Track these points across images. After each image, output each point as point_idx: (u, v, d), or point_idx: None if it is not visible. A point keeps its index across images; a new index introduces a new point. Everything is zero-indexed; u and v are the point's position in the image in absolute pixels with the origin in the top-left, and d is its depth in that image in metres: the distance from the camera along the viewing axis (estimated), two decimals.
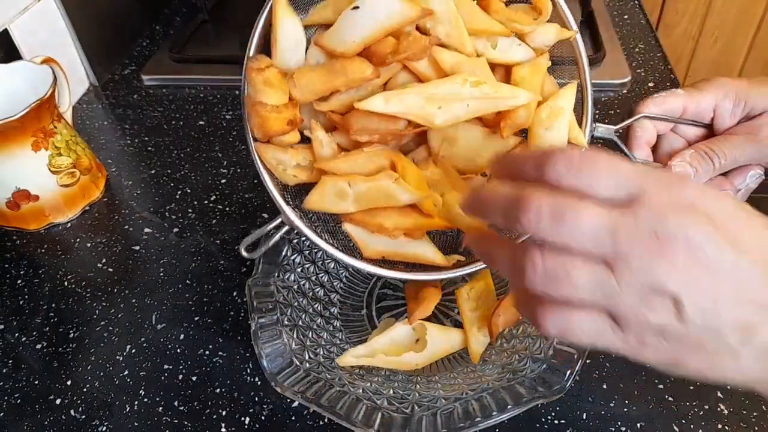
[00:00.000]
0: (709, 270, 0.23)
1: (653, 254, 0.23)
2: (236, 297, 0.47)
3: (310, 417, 0.39)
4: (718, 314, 0.23)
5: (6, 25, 0.60)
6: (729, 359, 0.24)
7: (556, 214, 0.23)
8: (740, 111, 0.41)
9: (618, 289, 0.23)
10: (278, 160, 0.37)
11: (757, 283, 0.23)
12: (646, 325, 0.24)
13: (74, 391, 0.42)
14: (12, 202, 0.53)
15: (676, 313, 0.23)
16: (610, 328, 0.24)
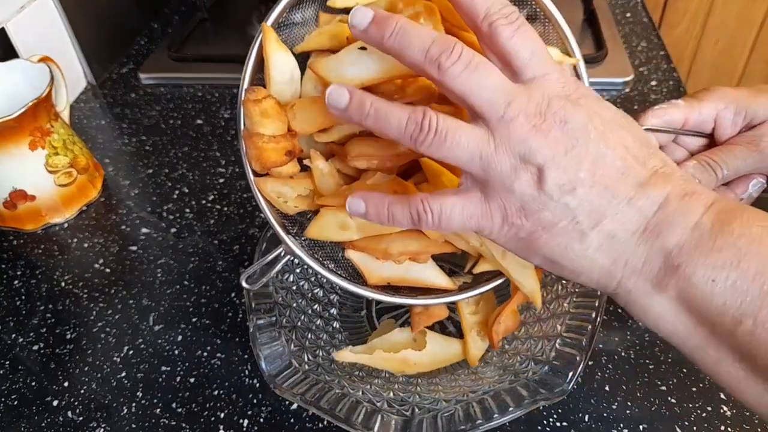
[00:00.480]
0: (574, 151, 0.25)
1: (532, 126, 0.25)
2: (234, 298, 0.47)
3: (309, 419, 0.39)
4: (573, 191, 0.25)
5: (3, 23, 0.59)
6: (577, 241, 0.26)
7: (472, 63, 0.26)
8: (741, 120, 0.41)
9: (494, 151, 0.26)
10: (278, 192, 0.37)
11: (614, 174, 0.25)
12: (510, 194, 0.26)
13: (71, 393, 0.41)
14: (9, 202, 0.52)
15: (538, 183, 0.26)
16: (478, 200, 0.27)
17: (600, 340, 0.42)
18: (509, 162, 0.26)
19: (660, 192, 0.25)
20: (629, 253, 0.25)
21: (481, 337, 0.40)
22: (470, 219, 0.27)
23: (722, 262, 0.24)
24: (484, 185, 0.27)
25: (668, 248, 0.25)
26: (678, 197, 0.25)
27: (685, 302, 0.24)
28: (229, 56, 0.72)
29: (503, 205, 0.26)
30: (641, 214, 0.25)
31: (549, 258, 0.27)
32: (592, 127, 0.26)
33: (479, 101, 0.26)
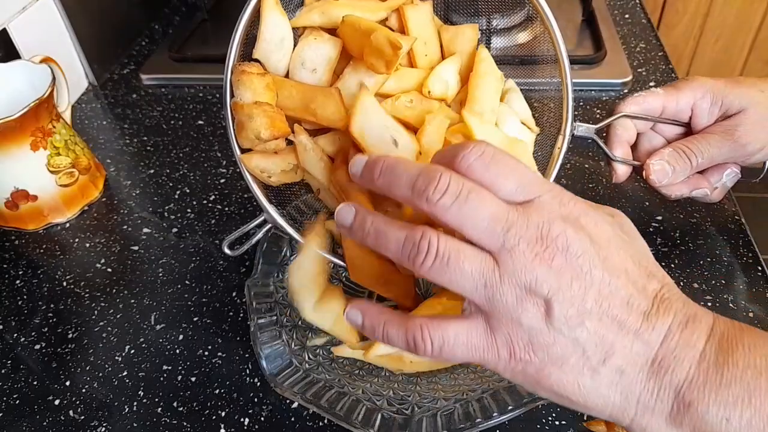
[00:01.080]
0: (580, 279, 0.24)
1: (535, 254, 0.24)
2: (235, 297, 0.47)
3: (310, 418, 0.39)
4: (582, 324, 0.24)
5: (5, 24, 0.60)
6: (588, 377, 0.25)
7: (462, 194, 0.25)
8: (717, 110, 0.42)
9: (498, 281, 0.24)
10: (262, 168, 0.37)
11: (619, 304, 0.24)
12: (517, 326, 0.25)
13: (73, 392, 0.41)
14: (11, 202, 0.53)
15: (546, 315, 0.24)
16: (483, 332, 0.25)
17: None
18: (515, 293, 0.24)
19: (664, 322, 0.25)
20: (640, 389, 0.24)
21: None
22: (474, 351, 0.26)
23: (734, 399, 0.23)
24: (489, 315, 0.25)
25: (678, 384, 0.24)
26: (681, 326, 0.24)
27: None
28: None
29: (510, 339, 0.25)
30: (648, 347, 0.24)
31: (558, 393, 0.26)
32: (595, 252, 0.25)
33: (476, 233, 0.25)
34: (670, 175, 0.41)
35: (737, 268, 0.46)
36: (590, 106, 0.64)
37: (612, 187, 0.54)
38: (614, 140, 0.44)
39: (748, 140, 0.40)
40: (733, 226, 0.50)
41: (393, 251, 0.26)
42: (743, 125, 0.40)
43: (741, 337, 0.24)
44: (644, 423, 0.25)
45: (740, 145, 0.41)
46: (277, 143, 0.37)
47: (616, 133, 0.44)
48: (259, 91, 0.35)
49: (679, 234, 0.49)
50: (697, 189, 0.43)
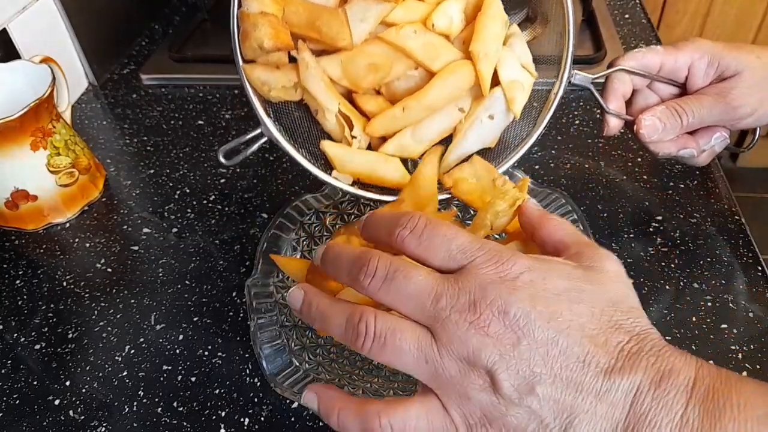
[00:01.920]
0: (523, 342, 0.23)
1: (469, 324, 0.23)
2: (235, 297, 0.47)
3: (310, 418, 0.39)
4: (532, 390, 0.22)
5: (5, 24, 0.60)
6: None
7: (389, 275, 0.24)
8: (713, 72, 0.42)
9: (437, 355, 0.23)
10: (264, 81, 0.38)
11: (572, 364, 0.22)
12: (467, 402, 0.23)
13: (73, 392, 0.41)
14: (11, 202, 0.52)
15: (492, 386, 0.23)
16: (439, 412, 0.24)
17: None
18: (456, 366, 0.23)
19: (630, 380, 0.22)
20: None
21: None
22: (434, 428, 0.24)
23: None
24: (440, 393, 0.24)
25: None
26: (653, 385, 0.22)
27: None
28: (230, 57, 0.71)
29: (464, 414, 0.24)
30: (614, 409, 0.22)
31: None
32: (537, 313, 0.23)
33: (407, 310, 0.24)
34: (660, 132, 0.42)
35: (737, 268, 0.46)
36: (590, 106, 0.64)
37: (612, 187, 0.54)
38: (610, 93, 0.44)
39: (740, 103, 0.41)
40: (733, 226, 0.50)
41: (337, 335, 0.26)
42: (737, 88, 0.41)
43: (729, 394, 0.21)
44: None
45: (732, 108, 0.41)
46: (279, 56, 0.37)
47: (613, 86, 0.44)
48: (266, 2, 0.36)
49: (679, 234, 0.49)
50: (684, 149, 0.44)
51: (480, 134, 0.41)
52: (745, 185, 1.63)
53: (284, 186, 0.57)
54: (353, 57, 0.39)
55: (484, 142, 0.42)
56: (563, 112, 0.64)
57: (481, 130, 0.41)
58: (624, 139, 0.60)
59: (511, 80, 0.39)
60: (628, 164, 0.57)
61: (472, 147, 0.41)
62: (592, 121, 0.63)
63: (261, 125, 0.39)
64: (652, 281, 0.46)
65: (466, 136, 0.40)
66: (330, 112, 0.39)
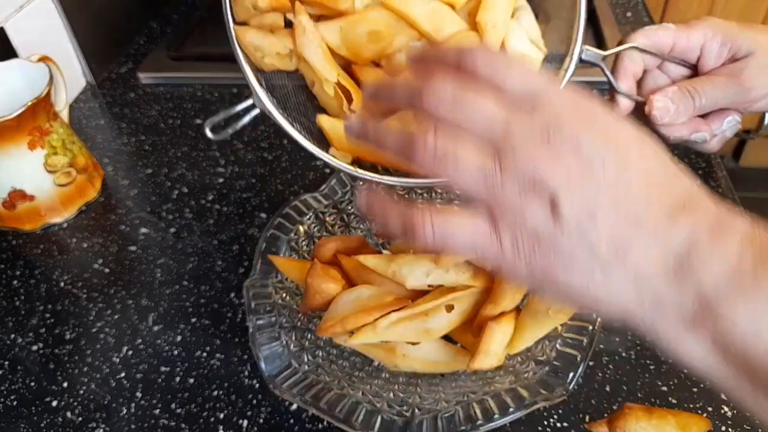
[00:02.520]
0: (592, 176, 0.23)
1: (540, 150, 0.23)
2: (234, 298, 0.47)
3: (309, 420, 0.39)
4: (593, 220, 0.23)
5: (2, 23, 0.59)
6: (599, 274, 0.23)
7: (459, 94, 0.24)
8: (726, 52, 0.41)
9: (500, 178, 0.23)
10: (256, 46, 0.35)
11: (636, 200, 0.23)
12: (522, 224, 0.23)
13: (70, 393, 0.41)
14: (8, 202, 0.52)
15: (552, 211, 0.23)
16: (487, 227, 0.24)
17: (600, 341, 0.42)
18: (518, 189, 0.23)
19: (690, 222, 0.23)
20: (658, 292, 0.23)
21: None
22: (477, 243, 0.24)
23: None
24: (493, 213, 0.24)
25: (703, 288, 0.22)
26: (710, 228, 0.23)
27: (723, 347, 0.22)
28: (229, 55, 0.71)
29: (514, 235, 0.24)
30: (669, 247, 0.22)
31: (568, 294, 0.24)
32: (608, 152, 0.23)
33: (475, 131, 0.24)
34: (672, 113, 0.40)
35: None
36: None
37: None
38: (621, 72, 0.43)
39: (753, 84, 0.40)
40: None
41: (392, 147, 0.25)
42: (750, 69, 0.40)
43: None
44: (659, 327, 0.23)
45: (745, 89, 0.40)
46: (274, 18, 0.34)
47: (624, 65, 0.43)
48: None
49: None
50: (697, 132, 0.43)
51: None
52: (748, 185, 1.62)
53: (283, 186, 0.57)
54: (354, 24, 0.36)
55: None
56: None
57: None
58: None
59: (519, 54, 0.37)
60: None
61: None
62: None
63: (252, 95, 0.35)
64: None
65: None
66: (328, 83, 0.36)
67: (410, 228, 0.25)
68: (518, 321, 0.37)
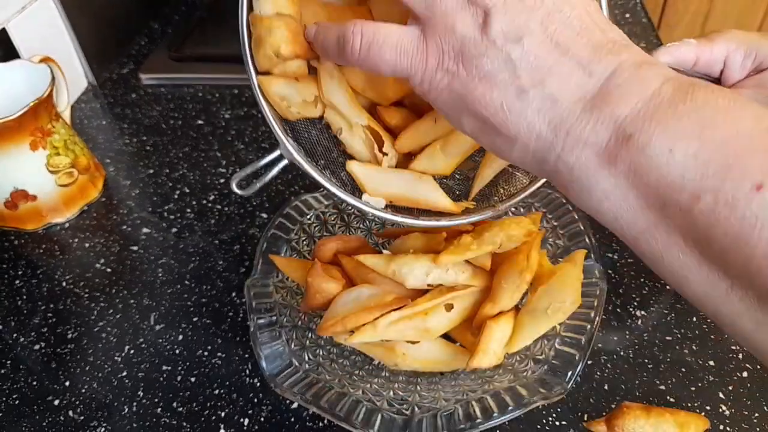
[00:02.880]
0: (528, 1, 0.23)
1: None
2: (235, 297, 0.47)
3: (310, 418, 0.39)
4: (519, 40, 0.23)
5: (4, 24, 0.60)
6: (515, 96, 0.23)
7: None
8: (750, 63, 0.41)
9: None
10: (282, 95, 0.33)
11: (568, 32, 0.23)
12: (451, 33, 0.24)
13: (72, 392, 0.41)
14: (10, 202, 0.52)
15: (482, 26, 0.23)
16: (416, 34, 0.25)
17: (599, 340, 0.42)
18: (455, 1, 0.24)
19: (615, 58, 0.23)
20: (572, 121, 0.22)
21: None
22: (402, 55, 0.25)
23: (682, 132, 0.21)
24: (425, 23, 0.24)
25: (619, 117, 0.22)
26: (634, 65, 0.22)
27: (635, 177, 0.21)
28: (230, 56, 0.72)
29: (441, 46, 0.24)
30: (591, 78, 0.23)
31: (482, 117, 0.24)
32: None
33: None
34: None
35: None
36: None
37: None
38: None
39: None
40: None
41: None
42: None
43: (705, 85, 0.22)
44: (571, 160, 0.23)
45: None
46: (298, 65, 0.33)
47: None
48: (281, 2, 0.31)
49: None
50: None
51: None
52: None
53: (284, 186, 0.57)
54: None
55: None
56: None
57: None
58: None
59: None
60: None
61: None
62: None
63: (280, 146, 0.34)
64: (653, 281, 0.46)
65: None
66: (358, 126, 0.35)
67: (342, 39, 0.26)
68: (517, 320, 0.37)
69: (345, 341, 0.38)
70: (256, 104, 0.34)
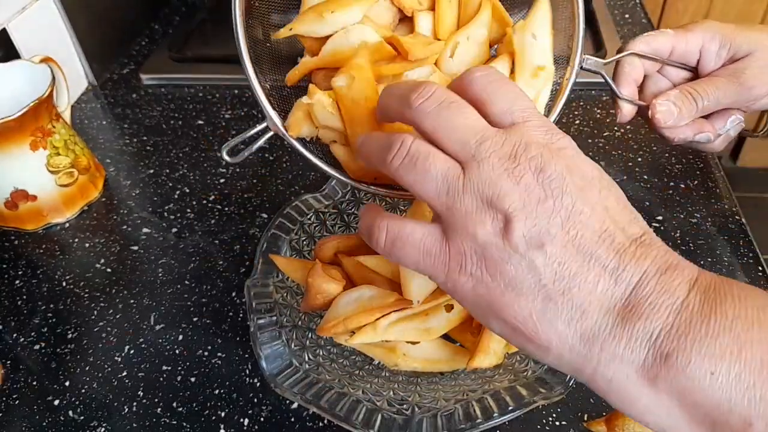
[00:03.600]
0: (548, 202, 0.23)
1: (504, 169, 0.23)
2: (235, 297, 0.47)
3: (310, 418, 0.39)
4: (542, 247, 0.23)
5: (5, 24, 0.60)
6: (542, 306, 0.23)
7: (445, 102, 0.25)
8: (725, 53, 0.42)
9: (461, 189, 0.24)
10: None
11: (590, 236, 0.23)
12: (472, 238, 0.23)
13: (72, 392, 0.41)
14: (10, 202, 0.52)
15: (503, 231, 0.23)
16: (438, 235, 0.25)
17: None
18: (475, 203, 0.23)
19: (640, 264, 0.22)
20: (605, 335, 0.22)
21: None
22: (425, 256, 0.25)
23: (721, 351, 0.20)
24: (446, 224, 0.24)
25: (653, 333, 0.21)
26: (659, 272, 0.22)
27: (679, 396, 0.21)
28: (230, 56, 0.72)
29: (463, 249, 0.24)
30: (617, 287, 0.22)
31: (511, 324, 0.23)
32: (571, 180, 0.23)
33: (449, 140, 0.24)
34: (675, 116, 0.41)
35: (737, 268, 0.46)
36: (590, 106, 0.64)
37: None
38: (621, 78, 0.44)
39: (754, 83, 0.41)
40: (733, 226, 0.50)
41: (373, 152, 0.26)
42: (750, 68, 0.41)
43: (730, 289, 0.22)
44: (610, 374, 0.22)
45: (746, 88, 0.41)
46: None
47: (624, 70, 0.43)
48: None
49: (680, 234, 0.49)
50: (700, 133, 0.43)
51: None
52: (746, 185, 1.63)
53: (284, 186, 0.57)
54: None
55: None
56: (563, 113, 0.64)
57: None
58: (624, 138, 0.60)
59: (539, 65, 0.38)
60: (628, 164, 0.57)
61: None
62: (592, 120, 0.63)
63: (267, 119, 0.37)
64: None
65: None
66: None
67: (369, 232, 0.26)
68: None
69: (345, 342, 0.38)
70: (257, 104, 0.36)
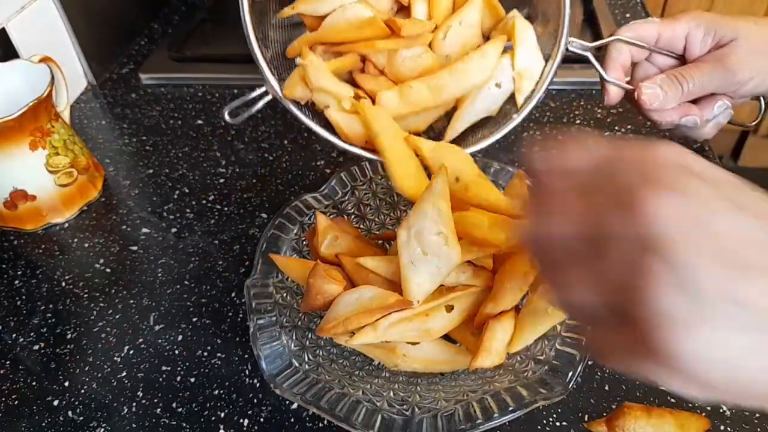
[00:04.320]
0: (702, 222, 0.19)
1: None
2: (235, 298, 0.47)
3: (310, 419, 0.39)
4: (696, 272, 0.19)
5: (3, 23, 0.59)
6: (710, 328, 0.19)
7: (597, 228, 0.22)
8: (710, 40, 0.43)
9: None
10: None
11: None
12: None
13: (72, 393, 0.41)
14: (9, 202, 0.52)
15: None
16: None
17: None
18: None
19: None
20: None
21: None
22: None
23: None
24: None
25: None
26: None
27: None
28: (230, 56, 0.72)
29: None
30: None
31: (674, 368, 0.21)
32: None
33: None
34: (661, 99, 0.42)
35: None
36: (591, 105, 0.64)
37: None
38: (608, 62, 0.46)
39: (738, 68, 0.42)
40: None
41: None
42: (734, 54, 0.42)
43: None
44: None
45: (730, 72, 0.42)
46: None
47: (611, 56, 0.45)
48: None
49: None
50: (686, 116, 0.44)
51: (486, 102, 0.42)
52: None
53: (284, 186, 0.57)
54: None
55: (489, 109, 0.43)
56: (564, 112, 0.64)
57: (489, 97, 0.42)
58: (625, 138, 0.60)
59: (524, 67, 0.39)
60: None
61: (479, 114, 0.43)
62: (593, 120, 0.62)
63: (265, 83, 0.39)
64: None
65: (474, 104, 0.42)
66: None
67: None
68: (518, 320, 0.37)
69: (345, 342, 0.38)
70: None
